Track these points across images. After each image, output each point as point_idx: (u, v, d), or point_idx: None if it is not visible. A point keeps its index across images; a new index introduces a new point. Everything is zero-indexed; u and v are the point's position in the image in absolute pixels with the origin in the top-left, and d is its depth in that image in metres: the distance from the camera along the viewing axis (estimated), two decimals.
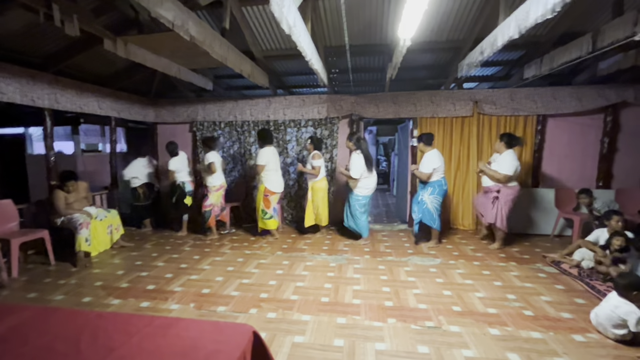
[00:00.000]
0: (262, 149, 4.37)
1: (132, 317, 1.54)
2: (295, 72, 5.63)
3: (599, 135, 4.66)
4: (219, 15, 3.89)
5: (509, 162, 3.77)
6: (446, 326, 2.33)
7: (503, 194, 3.84)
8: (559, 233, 4.65)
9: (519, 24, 2.40)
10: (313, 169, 4.44)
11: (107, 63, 4.55)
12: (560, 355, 2.00)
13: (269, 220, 4.45)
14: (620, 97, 4.45)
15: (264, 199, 4.39)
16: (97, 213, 3.91)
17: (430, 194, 4.05)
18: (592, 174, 4.75)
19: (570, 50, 3.32)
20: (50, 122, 4.01)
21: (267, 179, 4.36)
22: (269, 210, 4.42)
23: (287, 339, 2.17)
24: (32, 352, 1.30)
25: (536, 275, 3.27)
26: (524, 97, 4.71)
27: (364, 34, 4.28)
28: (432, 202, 4.04)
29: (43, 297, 2.83)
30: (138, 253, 3.99)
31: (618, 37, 2.66)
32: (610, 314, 2.13)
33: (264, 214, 4.43)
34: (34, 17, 2.91)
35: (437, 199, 4.04)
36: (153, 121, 5.80)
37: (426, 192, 4.07)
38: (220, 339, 1.35)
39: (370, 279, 3.18)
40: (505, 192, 3.83)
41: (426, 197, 4.06)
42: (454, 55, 4.68)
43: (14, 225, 3.59)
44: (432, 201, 4.04)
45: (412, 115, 5.04)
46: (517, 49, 4.51)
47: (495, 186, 3.87)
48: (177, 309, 2.60)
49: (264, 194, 4.38)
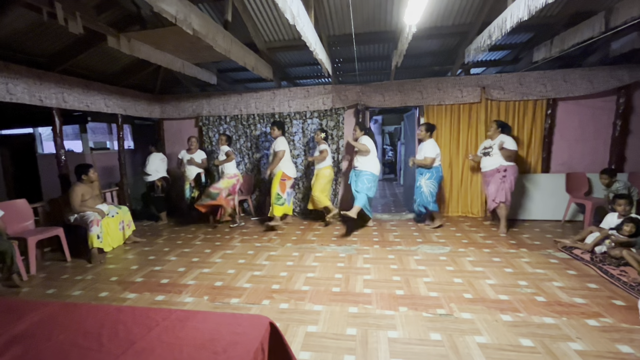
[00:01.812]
0: (281, 137, 4.62)
1: (150, 311, 1.58)
2: (299, 63, 5.57)
3: (611, 117, 4.55)
4: (221, 8, 3.85)
5: (512, 140, 4.02)
6: (458, 313, 2.34)
7: (510, 172, 4.03)
8: (570, 219, 4.60)
9: (529, 4, 2.33)
10: (321, 153, 4.61)
11: (111, 60, 4.56)
12: (573, 340, 2.00)
13: (281, 206, 4.59)
14: (633, 78, 4.32)
15: (280, 183, 4.57)
16: (109, 210, 3.98)
17: (427, 178, 4.34)
18: (604, 157, 4.66)
19: (581, 30, 3.23)
20: (59, 121, 4.06)
21: (285, 165, 4.58)
22: (283, 194, 4.60)
23: (300, 329, 2.20)
24: (56, 347, 1.34)
25: (547, 261, 3.25)
26: (533, 80, 4.60)
27: (368, 21, 4.20)
28: (427, 187, 4.34)
29: (61, 293, 2.90)
30: (150, 248, 4.06)
31: (633, 14, 2.58)
32: None
33: (278, 199, 4.56)
34: (37, 16, 2.92)
35: (434, 184, 4.34)
36: (159, 117, 5.82)
37: (424, 178, 4.36)
38: (238, 330, 1.37)
39: (380, 268, 3.20)
40: (511, 170, 4.04)
41: (423, 182, 4.37)
42: (460, 40, 4.58)
43: (29, 223, 3.67)
44: (428, 185, 4.34)
45: (418, 103, 4.98)
46: (526, 31, 4.39)
47: (502, 166, 4.04)
48: (192, 301, 2.66)
49: (281, 178, 4.57)
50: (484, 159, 4.21)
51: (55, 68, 3.94)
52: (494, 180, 4.10)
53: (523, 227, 4.37)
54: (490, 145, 4.16)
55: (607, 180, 3.82)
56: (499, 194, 4.07)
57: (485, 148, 4.24)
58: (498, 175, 4.06)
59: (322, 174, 4.65)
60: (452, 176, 5.05)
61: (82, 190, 3.73)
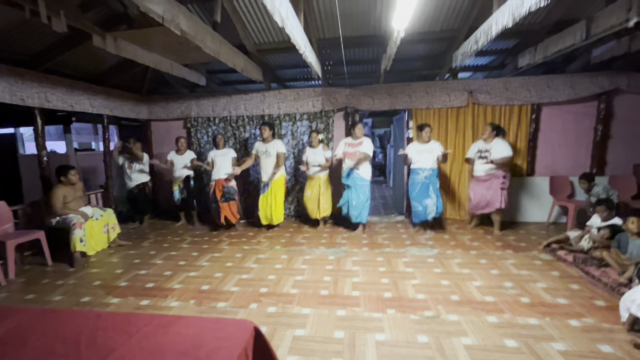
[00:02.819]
0: (280, 140, 4.65)
1: (132, 316, 1.54)
2: (289, 66, 5.57)
3: (592, 122, 4.69)
4: (210, 9, 3.82)
5: (507, 145, 4.01)
6: (445, 315, 2.36)
7: (507, 178, 4.08)
8: (554, 221, 4.71)
9: (513, 11, 2.39)
10: (327, 161, 4.55)
11: (97, 60, 4.47)
12: (556, 340, 2.04)
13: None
14: (613, 85, 4.46)
15: (285, 189, 4.66)
16: (93, 212, 3.88)
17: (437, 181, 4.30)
18: (586, 161, 4.79)
19: (564, 38, 3.32)
20: (41, 122, 3.94)
21: (283, 169, 4.62)
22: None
23: (287, 333, 2.18)
24: (31, 354, 1.30)
25: (532, 262, 3.31)
26: (518, 86, 4.71)
27: (357, 25, 4.23)
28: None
29: (41, 298, 2.81)
30: (136, 251, 3.97)
31: (611, 23, 2.66)
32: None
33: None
34: (19, 14, 2.84)
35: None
36: (146, 118, 5.73)
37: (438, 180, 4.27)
38: (221, 335, 1.35)
39: (369, 270, 3.20)
40: (508, 176, 4.09)
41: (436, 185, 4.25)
42: (448, 45, 4.65)
43: (8, 226, 3.55)
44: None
45: (407, 106, 5.03)
46: (511, 38, 4.49)
47: (499, 172, 4.04)
48: (177, 306, 2.61)
49: (284, 183, 4.65)
50: (479, 163, 4.14)
51: (39, 67, 3.83)
52: (493, 187, 4.06)
53: (509, 229, 4.44)
54: (487, 149, 4.07)
55: (585, 185, 3.92)
56: (496, 201, 4.06)
57: (479, 151, 4.15)
58: (497, 182, 4.04)
59: (327, 180, 4.62)
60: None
61: (64, 192, 3.63)
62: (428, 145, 4.18)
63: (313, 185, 4.58)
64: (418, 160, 4.19)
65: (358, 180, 4.29)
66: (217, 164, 4.67)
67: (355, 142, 4.32)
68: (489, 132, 4.09)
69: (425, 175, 4.16)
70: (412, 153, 4.23)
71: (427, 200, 4.15)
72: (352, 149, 4.30)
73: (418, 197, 4.20)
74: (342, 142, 4.45)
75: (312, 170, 4.54)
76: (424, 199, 4.16)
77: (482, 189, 4.15)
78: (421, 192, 4.18)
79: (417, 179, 4.22)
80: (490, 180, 4.07)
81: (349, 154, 4.31)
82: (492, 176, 4.06)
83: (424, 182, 4.17)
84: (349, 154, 4.30)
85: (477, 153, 4.17)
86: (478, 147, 4.20)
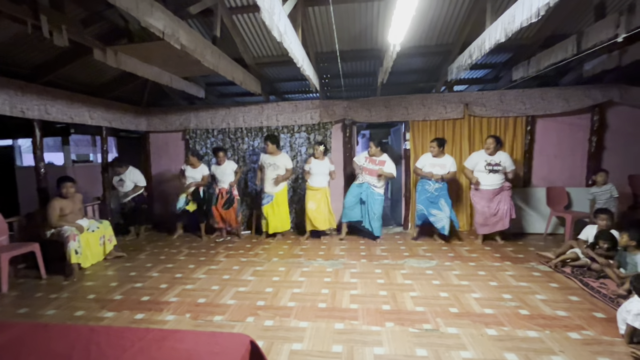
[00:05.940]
0: (286, 154, 4.76)
1: (126, 331, 1.52)
2: (287, 79, 5.65)
3: (586, 134, 4.75)
4: (209, 24, 3.90)
5: (510, 158, 4.15)
6: (444, 328, 2.34)
7: (510, 188, 4.21)
8: (552, 231, 4.71)
9: (506, 27, 2.46)
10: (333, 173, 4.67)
11: (97, 73, 4.53)
12: (557, 354, 2.01)
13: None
14: (606, 97, 4.55)
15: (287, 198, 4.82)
16: (89, 224, 3.85)
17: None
18: (581, 172, 4.83)
19: (556, 52, 3.40)
20: (39, 133, 3.95)
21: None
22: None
23: (285, 347, 2.15)
24: None
25: (531, 274, 3.29)
26: (512, 98, 4.78)
27: (354, 39, 4.32)
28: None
29: (34, 312, 2.76)
30: (132, 264, 3.93)
31: (601, 38, 2.73)
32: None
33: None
34: (21, 28, 2.89)
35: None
36: (145, 130, 5.76)
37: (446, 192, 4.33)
38: (217, 350, 1.33)
39: (367, 283, 3.18)
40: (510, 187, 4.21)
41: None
42: (443, 59, 4.74)
43: (3, 239, 3.51)
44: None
45: (404, 118, 5.09)
46: (505, 52, 4.60)
47: (506, 184, 4.17)
48: (173, 319, 2.56)
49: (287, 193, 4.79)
50: (488, 177, 4.08)
51: (39, 79, 3.87)
52: (503, 198, 4.15)
53: (507, 240, 4.43)
54: (497, 162, 4.04)
55: (603, 178, 4.05)
56: (507, 218, 4.17)
57: (490, 165, 4.06)
58: (506, 193, 4.17)
59: (327, 193, 4.65)
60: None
61: (61, 204, 3.61)
62: (441, 159, 4.27)
63: (316, 197, 4.57)
64: (429, 171, 4.29)
65: (376, 196, 4.44)
66: (219, 178, 4.82)
67: (376, 160, 4.41)
68: (494, 146, 4.07)
69: (436, 188, 4.27)
70: (424, 164, 4.35)
71: (437, 211, 4.26)
72: (372, 166, 4.41)
73: (425, 202, 4.32)
74: (362, 155, 4.55)
75: (317, 182, 4.56)
76: (431, 208, 4.29)
77: (492, 203, 4.16)
78: (429, 200, 4.31)
79: (427, 188, 4.32)
80: (501, 192, 4.17)
81: (367, 169, 4.42)
82: (500, 189, 4.15)
83: (434, 194, 4.28)
84: (368, 169, 4.42)
85: (488, 167, 4.08)
86: (486, 160, 4.10)
